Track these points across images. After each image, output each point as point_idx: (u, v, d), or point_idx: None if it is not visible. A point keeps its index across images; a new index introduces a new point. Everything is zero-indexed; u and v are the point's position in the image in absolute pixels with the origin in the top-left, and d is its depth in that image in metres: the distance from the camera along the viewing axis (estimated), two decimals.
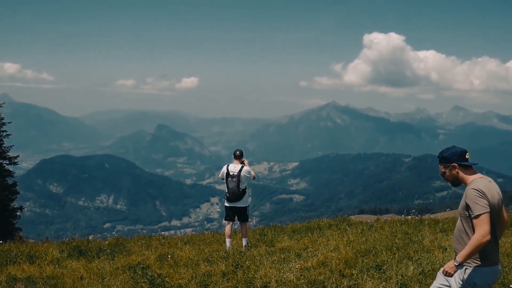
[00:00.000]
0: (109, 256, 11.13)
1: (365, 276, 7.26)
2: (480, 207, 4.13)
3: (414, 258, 8.22)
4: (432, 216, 16.53)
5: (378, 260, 8.12)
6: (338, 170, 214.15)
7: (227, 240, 10.50)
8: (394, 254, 8.46)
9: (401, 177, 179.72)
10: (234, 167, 10.12)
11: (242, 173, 10.05)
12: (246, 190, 10.25)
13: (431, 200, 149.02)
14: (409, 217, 14.32)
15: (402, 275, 7.25)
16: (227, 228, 10.36)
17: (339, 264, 8.17)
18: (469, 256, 4.15)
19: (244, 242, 10.54)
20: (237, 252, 10.06)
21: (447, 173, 4.61)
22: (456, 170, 4.53)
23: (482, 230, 4.08)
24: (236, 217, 10.40)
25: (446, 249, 8.83)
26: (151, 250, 11.74)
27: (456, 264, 4.26)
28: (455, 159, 4.55)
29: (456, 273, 4.31)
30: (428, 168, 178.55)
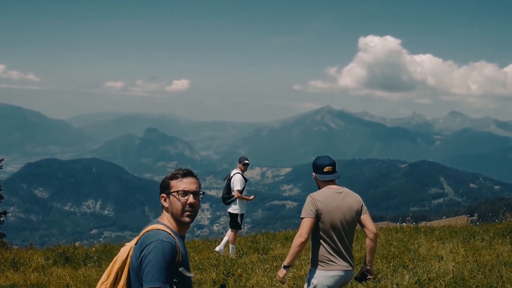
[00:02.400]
0: (96, 263, 11.09)
1: (360, 285, 7.27)
2: (305, 211, 4.61)
3: (409, 267, 8.24)
4: (428, 223, 16.59)
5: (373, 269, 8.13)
6: None
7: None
8: (390, 262, 8.48)
9: (396, 184, 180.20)
10: (232, 171, 10.65)
11: (232, 180, 10.41)
12: (231, 198, 10.51)
13: (427, 208, 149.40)
14: (405, 224, 14.36)
15: (397, 284, 7.26)
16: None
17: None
18: (290, 257, 4.67)
19: (230, 249, 10.64)
20: (228, 259, 10.06)
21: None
22: (316, 179, 4.95)
23: (299, 231, 4.57)
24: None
25: (442, 257, 8.85)
26: None
27: (282, 266, 4.79)
28: (314, 169, 4.97)
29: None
30: (424, 174, 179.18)
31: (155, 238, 2.94)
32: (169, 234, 3.02)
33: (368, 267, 4.90)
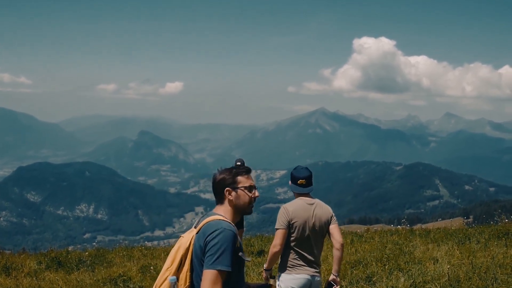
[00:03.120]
0: (89, 267, 11.06)
1: None
2: (278, 223, 5.02)
3: (405, 270, 8.25)
4: (423, 226, 16.64)
5: (368, 272, 8.15)
6: (327, 178, 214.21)
7: None
8: (385, 265, 8.49)
9: (391, 186, 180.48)
10: None
11: None
12: None
13: (422, 210, 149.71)
14: (400, 227, 14.40)
15: (392, 287, 7.27)
16: None
17: (328, 276, 8.18)
18: (268, 262, 5.12)
19: None
20: None
21: None
22: (291, 187, 5.30)
23: (274, 242, 4.99)
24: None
25: (437, 260, 8.87)
26: (133, 261, 11.68)
27: (264, 268, 5.31)
28: (290, 179, 5.27)
29: None
30: (419, 176, 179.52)
31: (219, 226, 3.27)
32: (230, 223, 3.37)
33: (334, 277, 5.11)
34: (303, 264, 4.98)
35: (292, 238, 4.99)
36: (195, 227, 3.46)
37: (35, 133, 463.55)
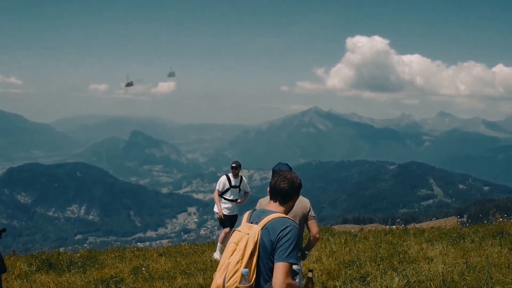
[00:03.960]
0: (81, 269, 11.03)
1: None
2: None
3: (399, 269, 8.26)
4: (417, 225, 16.68)
5: (362, 272, 8.16)
6: (321, 178, 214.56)
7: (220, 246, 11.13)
8: (379, 265, 8.50)
9: (385, 185, 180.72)
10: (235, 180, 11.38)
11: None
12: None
13: (416, 209, 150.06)
14: (394, 226, 14.43)
15: (386, 287, 7.28)
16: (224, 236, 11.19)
17: (322, 275, 8.19)
18: None
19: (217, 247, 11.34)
20: (215, 263, 10.04)
21: None
22: None
23: None
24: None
25: (432, 259, 8.89)
26: (125, 262, 11.66)
27: None
28: (272, 174, 5.43)
29: None
30: (413, 176, 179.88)
31: (289, 223, 3.72)
32: (294, 221, 3.81)
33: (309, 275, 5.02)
34: None
35: None
36: (251, 223, 3.86)
37: (26, 133, 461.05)
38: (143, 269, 10.01)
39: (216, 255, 11.22)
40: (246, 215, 4.11)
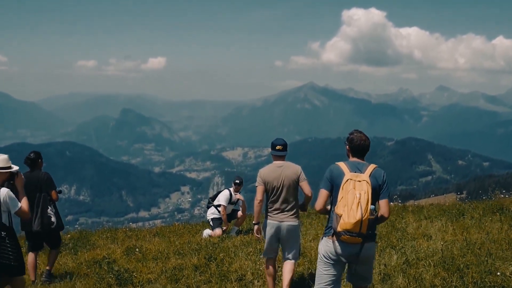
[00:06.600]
0: (72, 250, 11.07)
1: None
2: (257, 182, 6.85)
3: (397, 247, 8.32)
4: (416, 202, 16.77)
5: None
6: (317, 155, 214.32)
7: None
8: (377, 242, 8.54)
9: (383, 162, 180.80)
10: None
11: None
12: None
13: (415, 186, 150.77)
14: (392, 203, 14.47)
15: (385, 265, 7.34)
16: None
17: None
18: (255, 216, 6.99)
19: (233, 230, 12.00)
20: (210, 244, 10.08)
21: None
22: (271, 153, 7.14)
23: (255, 197, 6.81)
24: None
25: (431, 237, 8.95)
26: (117, 243, 11.70)
27: (253, 224, 7.32)
28: (271, 147, 7.12)
29: None
30: (412, 152, 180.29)
31: (383, 171, 5.39)
32: None
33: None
34: (275, 213, 6.81)
35: (267, 194, 6.83)
36: (362, 172, 5.20)
37: (12, 112, 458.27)
38: (137, 249, 10.04)
39: (205, 233, 11.79)
40: (342, 166, 5.39)
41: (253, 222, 7.12)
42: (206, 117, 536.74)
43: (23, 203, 6.38)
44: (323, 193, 5.38)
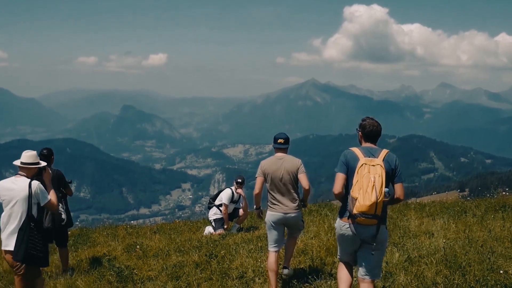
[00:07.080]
0: (72, 247, 11.08)
1: None
2: (257, 173, 7.10)
3: (399, 245, 8.32)
4: (418, 199, 16.74)
5: None
6: (318, 152, 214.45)
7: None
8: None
9: None
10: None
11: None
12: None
13: (417, 183, 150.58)
14: None
15: (387, 263, 7.33)
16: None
17: (320, 251, 8.23)
18: (255, 202, 7.36)
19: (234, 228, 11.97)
20: (210, 241, 10.08)
21: None
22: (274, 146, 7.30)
23: (255, 187, 7.05)
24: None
25: (433, 234, 8.94)
26: (118, 240, 11.72)
27: (254, 208, 7.64)
28: (273, 141, 7.29)
29: None
30: (414, 149, 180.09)
31: (395, 155, 5.68)
32: None
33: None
34: (277, 204, 7.00)
35: (267, 186, 7.05)
36: (375, 157, 5.43)
37: (12, 109, 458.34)
38: (137, 246, 10.05)
39: (207, 230, 11.83)
40: (356, 151, 5.54)
41: (254, 207, 7.51)
42: (207, 113, 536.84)
43: (52, 196, 6.80)
44: (339, 176, 5.55)
